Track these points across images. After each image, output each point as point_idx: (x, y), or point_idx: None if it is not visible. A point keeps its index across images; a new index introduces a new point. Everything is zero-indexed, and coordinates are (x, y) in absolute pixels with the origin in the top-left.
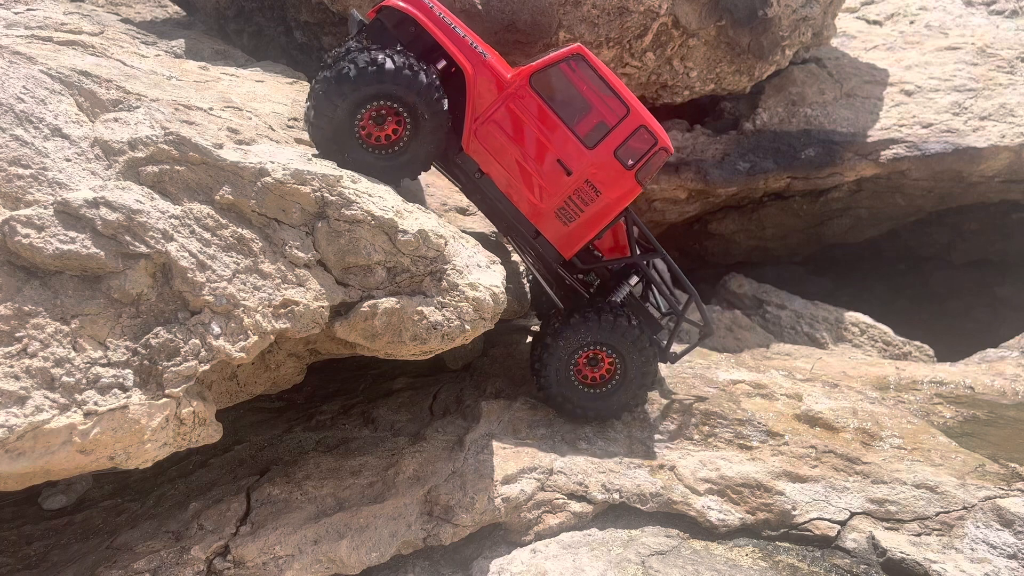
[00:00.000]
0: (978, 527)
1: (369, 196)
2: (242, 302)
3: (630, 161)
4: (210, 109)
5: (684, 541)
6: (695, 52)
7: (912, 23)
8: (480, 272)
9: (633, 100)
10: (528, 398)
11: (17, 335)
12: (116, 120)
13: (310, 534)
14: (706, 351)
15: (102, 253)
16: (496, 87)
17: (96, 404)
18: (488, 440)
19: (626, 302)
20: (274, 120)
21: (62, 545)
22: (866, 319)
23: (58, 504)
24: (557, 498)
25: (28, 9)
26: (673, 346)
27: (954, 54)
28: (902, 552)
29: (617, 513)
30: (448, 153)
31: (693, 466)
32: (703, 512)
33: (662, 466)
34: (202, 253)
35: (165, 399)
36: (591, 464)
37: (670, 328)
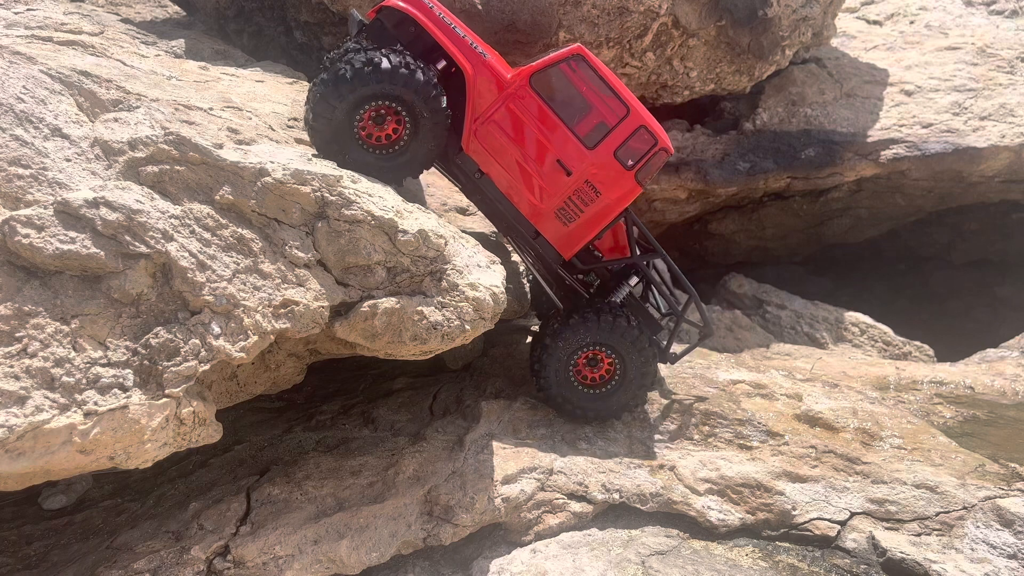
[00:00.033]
0: (978, 527)
1: (369, 196)
2: (242, 302)
3: (630, 161)
4: (210, 109)
5: (684, 541)
6: (695, 52)
7: (912, 23)
8: (480, 272)
9: (633, 100)
10: (528, 398)
11: (17, 335)
12: (116, 120)
13: (310, 534)
14: (706, 351)
15: (102, 253)
16: (496, 87)
17: (96, 404)
18: (488, 440)
19: (626, 302)
20: (274, 120)
21: (62, 545)
22: (866, 319)
23: (58, 504)
24: (557, 498)
25: (28, 9)
26: (673, 346)
27: (954, 54)
28: (902, 552)
29: (617, 513)
30: (448, 153)
31: (693, 466)
32: (703, 512)
33: (662, 466)
34: (202, 253)
35: (165, 399)
36: (591, 464)
37: (670, 328)
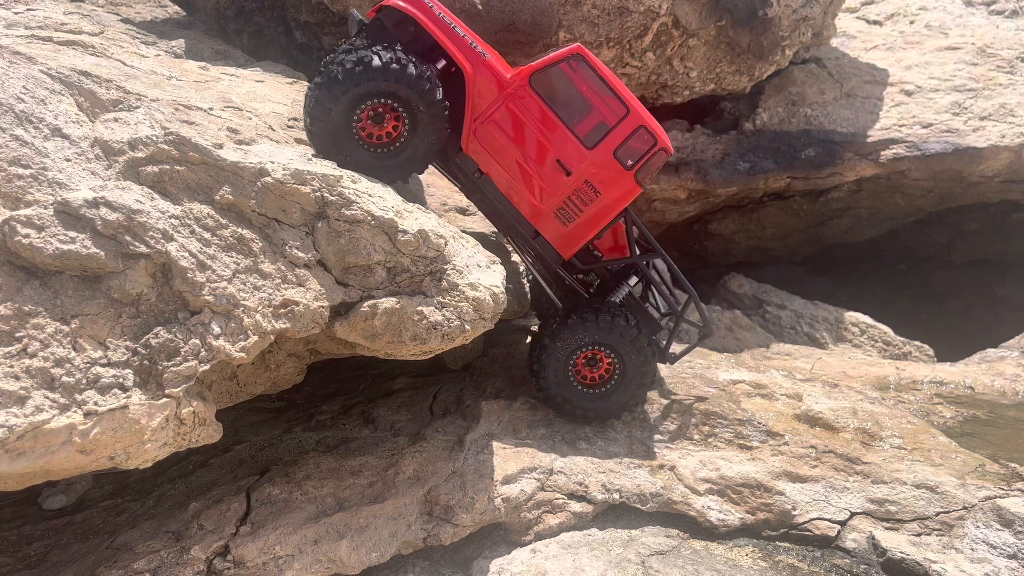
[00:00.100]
0: (978, 527)
1: (369, 196)
2: (242, 302)
3: (630, 161)
4: (210, 109)
5: (684, 541)
6: (695, 52)
7: (912, 23)
8: (480, 272)
9: (633, 100)
10: (528, 398)
11: (17, 335)
12: (116, 120)
13: (310, 534)
14: (706, 351)
15: (102, 253)
16: (496, 87)
17: (96, 404)
18: (488, 440)
19: (625, 302)
20: (274, 120)
21: (62, 545)
22: (866, 319)
23: (58, 504)
24: (557, 498)
25: (28, 9)
26: (673, 346)
27: (954, 54)
28: (902, 552)
29: (617, 513)
30: (448, 152)
31: (693, 466)
32: (703, 512)
33: (662, 466)
34: (202, 253)
35: (165, 399)
36: (591, 464)
37: (669, 328)
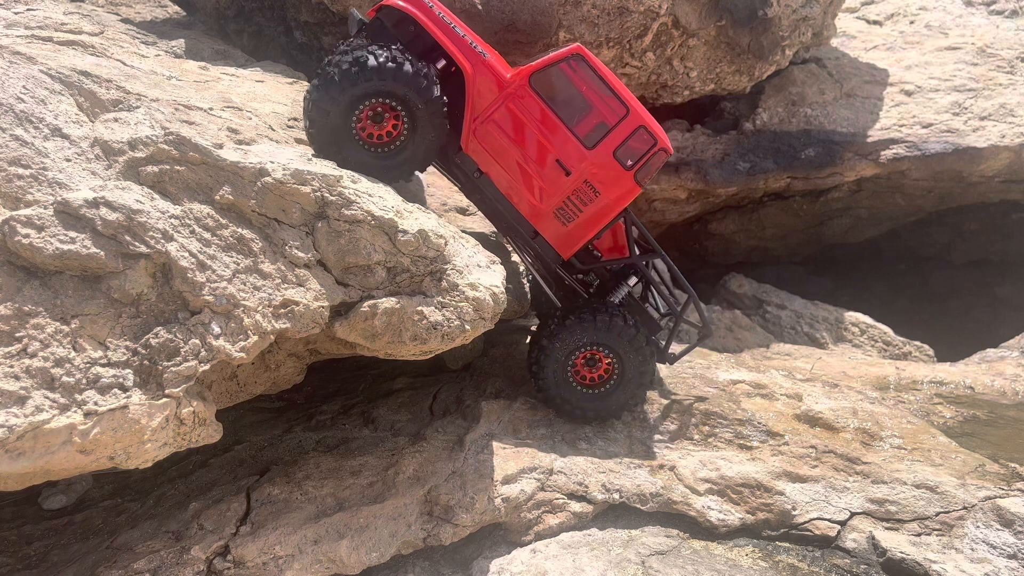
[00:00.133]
0: (978, 527)
1: (369, 196)
2: (242, 302)
3: (629, 161)
4: (210, 109)
5: (684, 541)
6: (695, 52)
7: (912, 23)
8: (480, 272)
9: (632, 100)
10: (528, 398)
11: (17, 335)
12: (116, 120)
13: (310, 534)
14: (706, 351)
15: (102, 253)
16: (495, 87)
17: (96, 404)
18: (488, 440)
19: (624, 302)
20: (274, 120)
21: (62, 545)
22: (866, 319)
23: (58, 504)
24: (557, 498)
25: (28, 9)
26: (672, 346)
27: (954, 54)
28: (902, 552)
29: (617, 513)
30: (448, 152)
31: (693, 466)
32: (703, 512)
33: (662, 466)
34: (202, 253)
35: (165, 399)
36: (591, 464)
37: (669, 328)
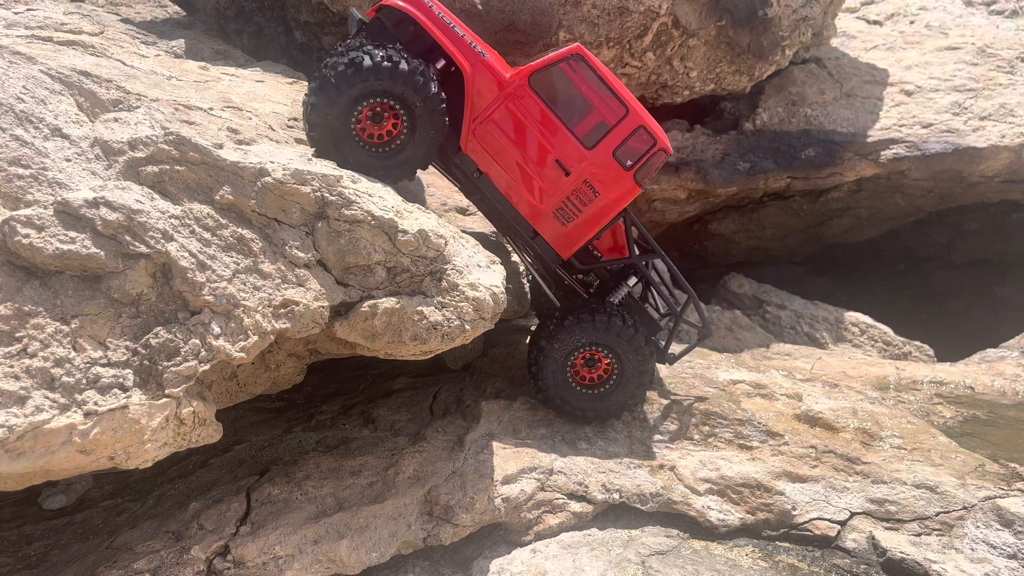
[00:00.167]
0: (978, 527)
1: (369, 196)
2: (242, 302)
3: (629, 162)
4: (210, 109)
5: (684, 541)
6: (695, 52)
7: (912, 23)
8: (480, 272)
9: (632, 100)
10: (528, 398)
11: (17, 335)
12: (116, 120)
13: (310, 534)
14: (706, 351)
15: (102, 253)
16: (495, 86)
17: (96, 404)
18: (488, 440)
19: (624, 303)
20: (274, 120)
21: (62, 545)
22: (866, 319)
23: (58, 504)
24: (557, 498)
25: (28, 9)
26: (672, 346)
27: (954, 54)
28: (902, 552)
29: (617, 513)
30: (447, 152)
31: (693, 466)
32: (703, 512)
33: (662, 466)
34: (202, 253)
35: (165, 399)
36: (591, 464)
37: (669, 328)
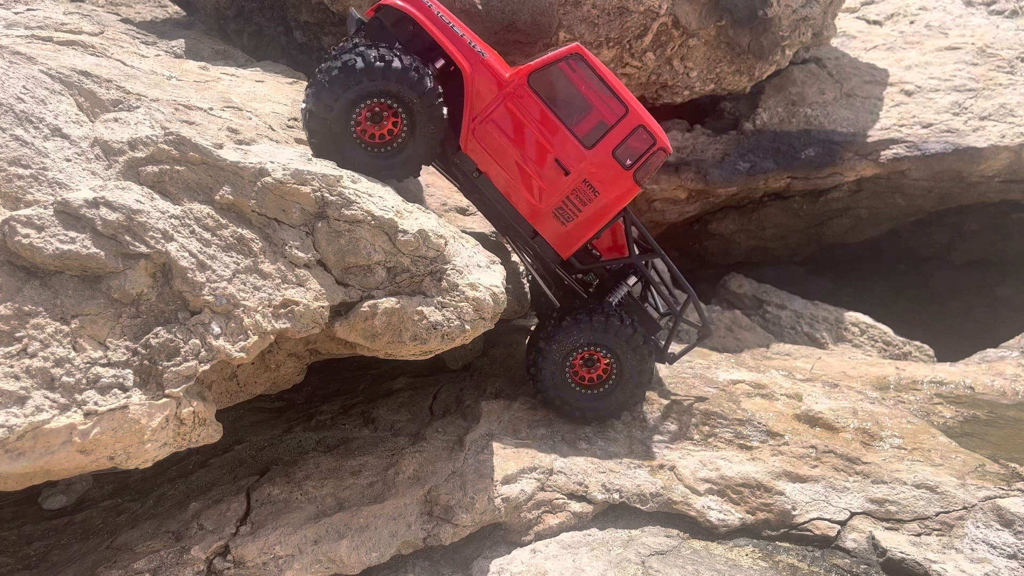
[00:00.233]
0: (978, 527)
1: (369, 196)
2: (242, 302)
3: (628, 161)
4: (210, 109)
5: (684, 541)
6: (695, 52)
7: (912, 23)
8: (480, 272)
9: (632, 100)
10: (528, 398)
11: (17, 335)
12: (116, 120)
13: (310, 534)
14: (706, 351)
15: (102, 253)
16: (494, 86)
17: (96, 404)
18: (488, 440)
19: (623, 302)
20: (274, 120)
21: (62, 545)
22: (866, 319)
23: (58, 504)
24: (557, 498)
25: (28, 9)
26: (672, 346)
27: (954, 54)
28: (902, 552)
29: (617, 513)
30: (447, 152)
31: (693, 466)
32: (703, 512)
33: (662, 466)
34: (202, 253)
35: (165, 399)
36: (591, 464)
37: (669, 328)
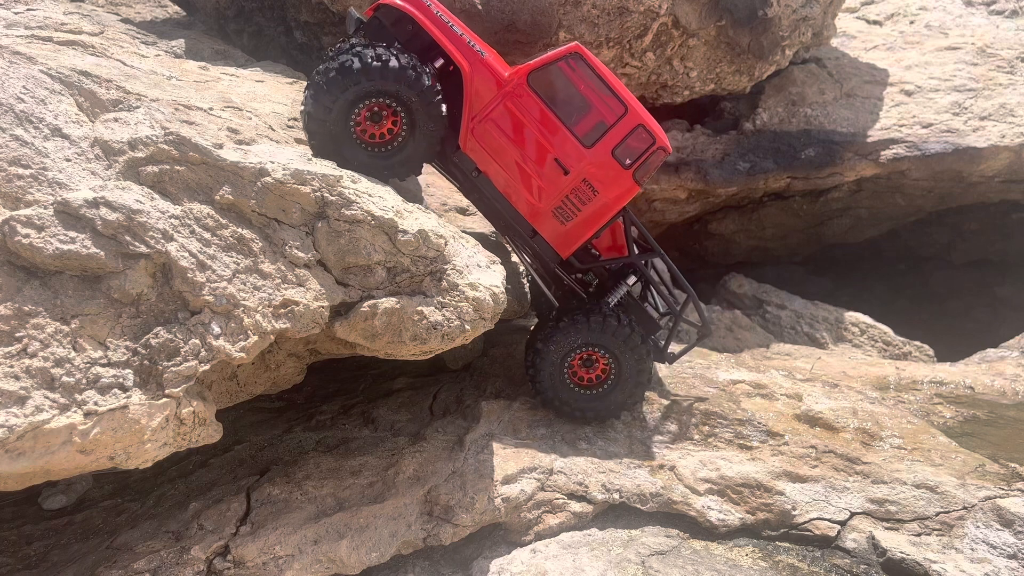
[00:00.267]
0: (978, 527)
1: (369, 196)
2: (242, 302)
3: (628, 160)
4: (210, 109)
5: (684, 541)
6: (695, 52)
7: (912, 23)
8: (480, 272)
9: (631, 99)
10: (528, 398)
11: (17, 335)
12: (116, 120)
13: (310, 534)
14: (706, 351)
15: (102, 253)
16: (494, 85)
17: (96, 404)
18: (488, 440)
19: (622, 302)
20: (274, 120)
21: (62, 545)
22: (866, 319)
23: (58, 504)
24: (557, 498)
25: (28, 9)
26: (672, 346)
27: (954, 54)
28: (902, 552)
29: (617, 513)
30: (446, 151)
31: (693, 466)
32: (703, 512)
33: (662, 466)
34: (202, 253)
35: (165, 399)
36: (591, 464)
37: (669, 328)
